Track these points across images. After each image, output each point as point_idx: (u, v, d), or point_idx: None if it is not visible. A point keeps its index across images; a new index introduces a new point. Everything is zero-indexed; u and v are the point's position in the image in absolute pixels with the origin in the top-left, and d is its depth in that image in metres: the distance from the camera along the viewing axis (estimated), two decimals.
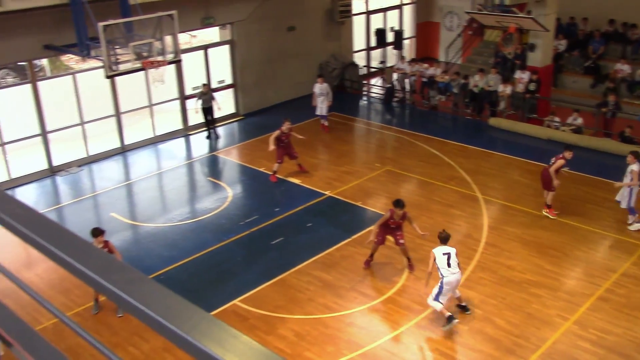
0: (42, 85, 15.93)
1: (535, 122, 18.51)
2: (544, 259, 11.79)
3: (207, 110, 18.13)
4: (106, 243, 10.32)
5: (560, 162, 13.08)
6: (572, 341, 9.55)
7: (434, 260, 9.79)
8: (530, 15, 18.73)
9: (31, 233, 1.66)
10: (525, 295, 10.70)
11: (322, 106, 18.46)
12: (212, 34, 20.58)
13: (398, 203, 11.15)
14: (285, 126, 15.12)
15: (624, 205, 12.81)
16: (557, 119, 18.06)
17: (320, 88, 18.35)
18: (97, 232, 10.22)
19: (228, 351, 1.21)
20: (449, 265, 9.73)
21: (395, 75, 21.85)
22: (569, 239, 12.51)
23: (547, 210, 13.42)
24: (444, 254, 9.81)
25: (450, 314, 9.82)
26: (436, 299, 9.83)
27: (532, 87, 18.81)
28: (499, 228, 12.95)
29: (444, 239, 9.99)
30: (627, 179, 12.66)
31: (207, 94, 17.93)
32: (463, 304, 10.28)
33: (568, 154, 13.03)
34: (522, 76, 19.03)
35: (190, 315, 1.31)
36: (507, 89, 18.94)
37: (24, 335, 2.12)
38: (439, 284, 9.78)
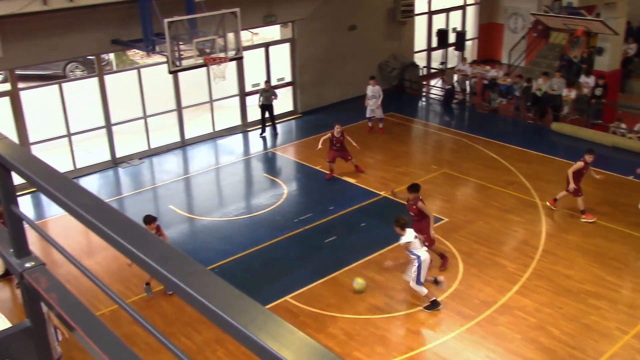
0: (108, 79, 16.42)
1: (600, 129, 17.95)
2: (604, 269, 11.44)
3: (267, 108, 18.28)
4: (158, 228, 10.68)
5: (579, 164, 12.91)
6: (631, 355, 9.22)
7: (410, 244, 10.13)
8: (599, 18, 18.17)
9: (98, 222, 1.72)
10: (583, 305, 10.40)
11: (373, 108, 18.19)
12: (273, 31, 20.78)
13: (411, 186, 11.23)
14: (336, 130, 15.13)
15: None
16: (623, 125, 17.46)
17: (372, 90, 18.06)
18: (149, 219, 10.54)
19: (284, 346, 1.22)
20: (421, 245, 10.21)
21: (455, 77, 21.57)
22: (631, 249, 12.09)
23: (584, 216, 13.14)
24: (415, 236, 10.16)
25: (435, 298, 10.31)
26: (419, 282, 10.16)
27: (598, 92, 18.25)
28: (558, 236, 12.63)
29: (405, 224, 10.24)
30: None
31: (268, 92, 18.09)
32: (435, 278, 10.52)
33: (588, 157, 12.87)
34: (587, 80, 18.48)
35: (248, 309, 1.33)
36: (572, 93, 18.43)
37: (86, 321, 2.20)
38: (417, 265, 10.09)
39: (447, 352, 9.41)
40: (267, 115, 18.42)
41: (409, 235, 10.09)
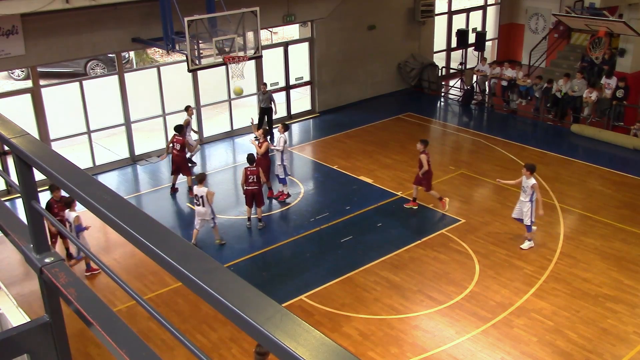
0: (128, 76, 16.53)
1: (621, 131, 17.75)
2: (623, 273, 11.31)
3: (265, 111, 17.84)
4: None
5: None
6: None
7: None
8: (622, 19, 17.97)
9: (117, 218, 1.73)
10: (600, 309, 10.30)
11: (280, 164, 14.34)
12: (292, 31, 20.79)
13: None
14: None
15: (527, 222, 12.08)
16: None
17: (278, 139, 14.47)
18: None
19: (300, 345, 1.23)
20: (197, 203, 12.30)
21: (475, 77, 21.44)
22: None
23: (412, 204, 13.93)
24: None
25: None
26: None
27: (619, 94, 18.05)
28: (576, 239, 12.52)
29: (201, 179, 12.32)
30: (524, 194, 11.98)
31: (265, 94, 17.69)
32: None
33: (419, 145, 13.57)
34: (609, 82, 18.28)
35: (265, 307, 1.34)
36: (593, 95, 18.23)
37: (103, 316, 2.22)
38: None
39: (462, 354, 9.37)
40: (267, 119, 17.94)
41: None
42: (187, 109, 16.03)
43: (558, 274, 11.31)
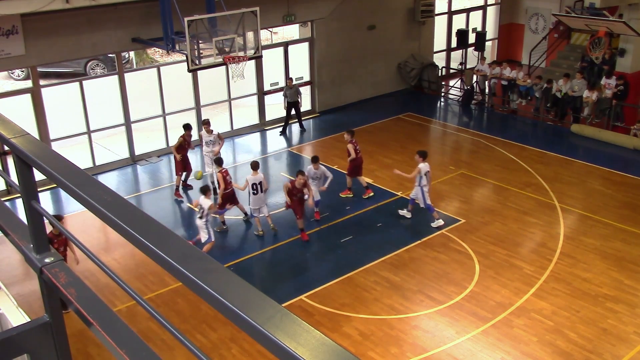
0: (128, 76, 16.53)
1: (621, 131, 17.75)
2: (623, 273, 11.31)
3: (293, 105, 18.34)
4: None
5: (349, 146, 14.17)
6: None
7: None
8: (622, 19, 17.98)
9: (117, 218, 1.73)
10: (600, 309, 10.30)
11: (315, 190, 13.62)
12: (292, 31, 20.79)
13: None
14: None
15: (422, 204, 13.02)
16: None
17: (315, 173, 13.58)
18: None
19: (300, 345, 1.23)
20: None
21: (475, 77, 21.43)
22: None
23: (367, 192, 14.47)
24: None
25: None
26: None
27: (619, 92, 18.05)
28: (576, 239, 12.52)
29: (255, 167, 12.81)
30: (419, 179, 12.88)
31: (292, 89, 18.14)
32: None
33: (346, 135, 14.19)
34: (609, 82, 18.28)
35: (265, 307, 1.34)
36: (593, 95, 18.23)
37: (103, 316, 2.22)
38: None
39: (462, 354, 9.37)
40: (292, 113, 18.49)
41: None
42: (205, 123, 15.07)
43: (558, 274, 11.31)
